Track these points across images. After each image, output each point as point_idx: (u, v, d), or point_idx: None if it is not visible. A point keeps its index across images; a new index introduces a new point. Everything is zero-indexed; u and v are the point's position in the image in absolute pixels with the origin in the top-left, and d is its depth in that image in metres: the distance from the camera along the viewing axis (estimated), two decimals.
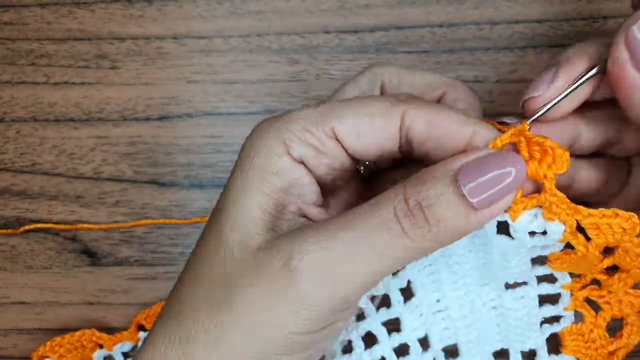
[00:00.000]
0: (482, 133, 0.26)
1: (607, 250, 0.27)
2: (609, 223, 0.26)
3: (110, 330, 0.37)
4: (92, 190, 0.39)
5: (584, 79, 0.27)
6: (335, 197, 0.29)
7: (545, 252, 0.29)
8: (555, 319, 0.32)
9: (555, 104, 0.27)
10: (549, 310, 0.32)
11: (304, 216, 0.27)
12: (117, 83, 0.40)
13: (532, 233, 0.27)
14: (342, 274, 0.24)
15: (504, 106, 0.38)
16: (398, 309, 0.32)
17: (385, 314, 0.32)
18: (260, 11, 0.40)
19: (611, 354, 0.32)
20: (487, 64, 0.38)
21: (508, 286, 0.32)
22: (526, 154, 0.25)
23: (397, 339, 0.32)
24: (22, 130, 0.40)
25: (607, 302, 0.31)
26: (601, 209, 0.26)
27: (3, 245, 0.39)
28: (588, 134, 0.30)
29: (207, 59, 0.39)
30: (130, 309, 0.38)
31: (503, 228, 0.27)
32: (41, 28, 0.40)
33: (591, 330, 0.32)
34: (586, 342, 0.32)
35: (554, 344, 0.33)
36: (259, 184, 0.26)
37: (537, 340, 0.33)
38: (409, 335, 0.32)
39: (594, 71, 0.27)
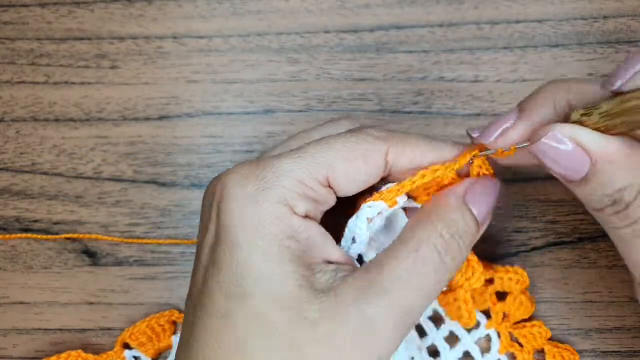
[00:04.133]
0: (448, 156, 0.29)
1: None
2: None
3: (109, 330, 0.37)
4: (92, 190, 0.39)
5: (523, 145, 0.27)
6: None
7: None
8: None
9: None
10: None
11: (330, 262, 0.26)
12: (117, 83, 0.40)
13: None
14: (409, 322, 0.26)
15: (504, 106, 0.38)
16: None
17: None
18: (259, 11, 0.40)
19: (500, 302, 0.36)
20: (487, 63, 0.38)
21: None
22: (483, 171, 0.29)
23: None
24: (22, 130, 0.40)
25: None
26: None
27: (3, 245, 0.39)
28: None
29: (207, 59, 0.39)
30: (130, 309, 0.38)
31: None
32: (41, 27, 0.40)
33: (467, 279, 0.34)
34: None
35: None
36: (284, 253, 0.25)
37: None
38: None
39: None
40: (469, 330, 0.35)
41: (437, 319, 0.36)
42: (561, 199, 0.36)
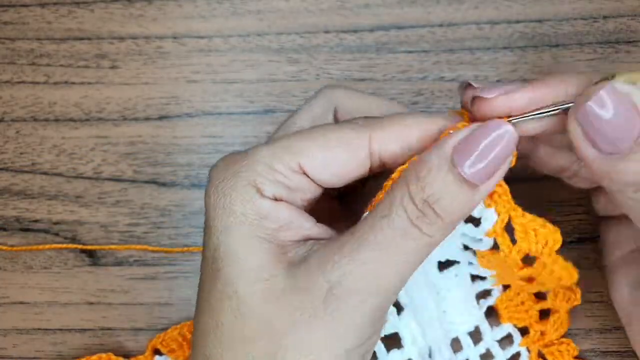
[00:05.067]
0: (450, 125, 0.26)
1: (528, 262, 0.28)
2: (536, 230, 0.26)
3: (109, 330, 0.37)
4: (92, 190, 0.39)
5: (550, 111, 0.26)
6: (313, 214, 0.28)
7: (474, 246, 0.30)
8: (488, 292, 0.35)
9: (518, 119, 0.26)
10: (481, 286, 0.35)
11: (309, 239, 0.26)
12: (117, 83, 0.40)
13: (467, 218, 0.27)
14: (381, 286, 0.25)
15: None
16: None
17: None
18: (260, 11, 0.40)
19: (542, 321, 0.35)
20: (487, 63, 0.38)
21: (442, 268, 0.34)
22: None
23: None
24: (22, 130, 0.40)
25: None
26: (534, 215, 0.26)
27: (2, 245, 0.39)
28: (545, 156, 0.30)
29: (207, 59, 0.39)
30: (130, 309, 0.38)
31: None
32: (41, 28, 0.40)
33: (518, 294, 0.34)
34: (516, 306, 0.34)
35: (492, 318, 0.35)
36: (254, 232, 0.25)
37: (477, 316, 0.35)
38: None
39: (564, 107, 0.25)
40: (504, 348, 0.35)
41: (476, 336, 0.35)
42: (561, 199, 0.37)
